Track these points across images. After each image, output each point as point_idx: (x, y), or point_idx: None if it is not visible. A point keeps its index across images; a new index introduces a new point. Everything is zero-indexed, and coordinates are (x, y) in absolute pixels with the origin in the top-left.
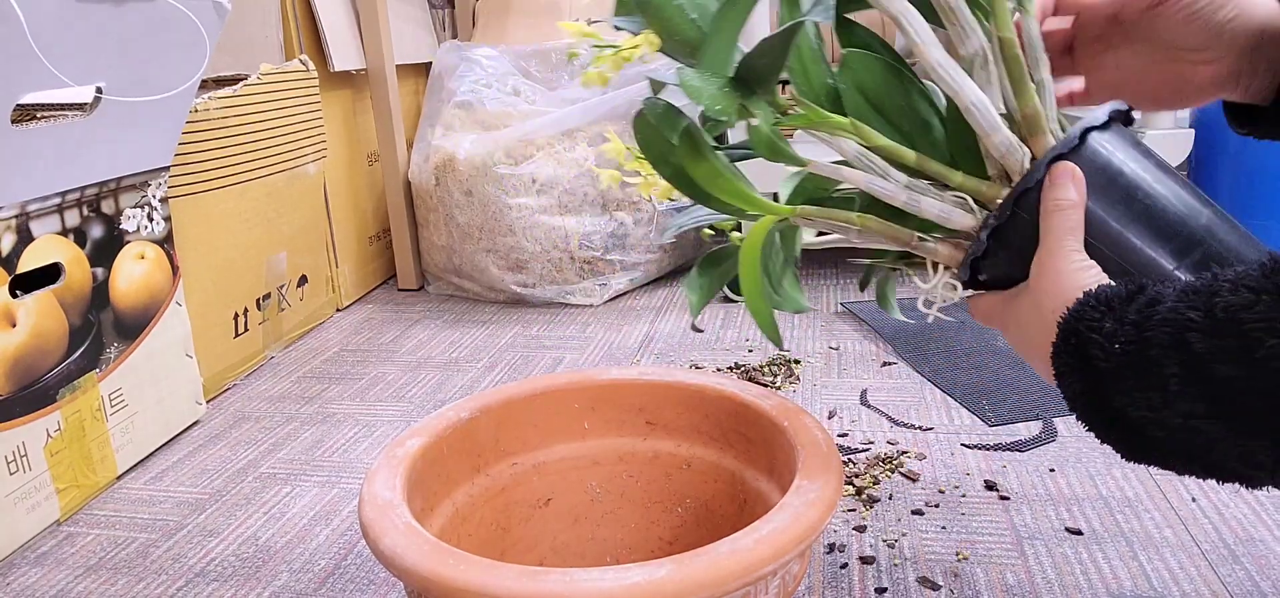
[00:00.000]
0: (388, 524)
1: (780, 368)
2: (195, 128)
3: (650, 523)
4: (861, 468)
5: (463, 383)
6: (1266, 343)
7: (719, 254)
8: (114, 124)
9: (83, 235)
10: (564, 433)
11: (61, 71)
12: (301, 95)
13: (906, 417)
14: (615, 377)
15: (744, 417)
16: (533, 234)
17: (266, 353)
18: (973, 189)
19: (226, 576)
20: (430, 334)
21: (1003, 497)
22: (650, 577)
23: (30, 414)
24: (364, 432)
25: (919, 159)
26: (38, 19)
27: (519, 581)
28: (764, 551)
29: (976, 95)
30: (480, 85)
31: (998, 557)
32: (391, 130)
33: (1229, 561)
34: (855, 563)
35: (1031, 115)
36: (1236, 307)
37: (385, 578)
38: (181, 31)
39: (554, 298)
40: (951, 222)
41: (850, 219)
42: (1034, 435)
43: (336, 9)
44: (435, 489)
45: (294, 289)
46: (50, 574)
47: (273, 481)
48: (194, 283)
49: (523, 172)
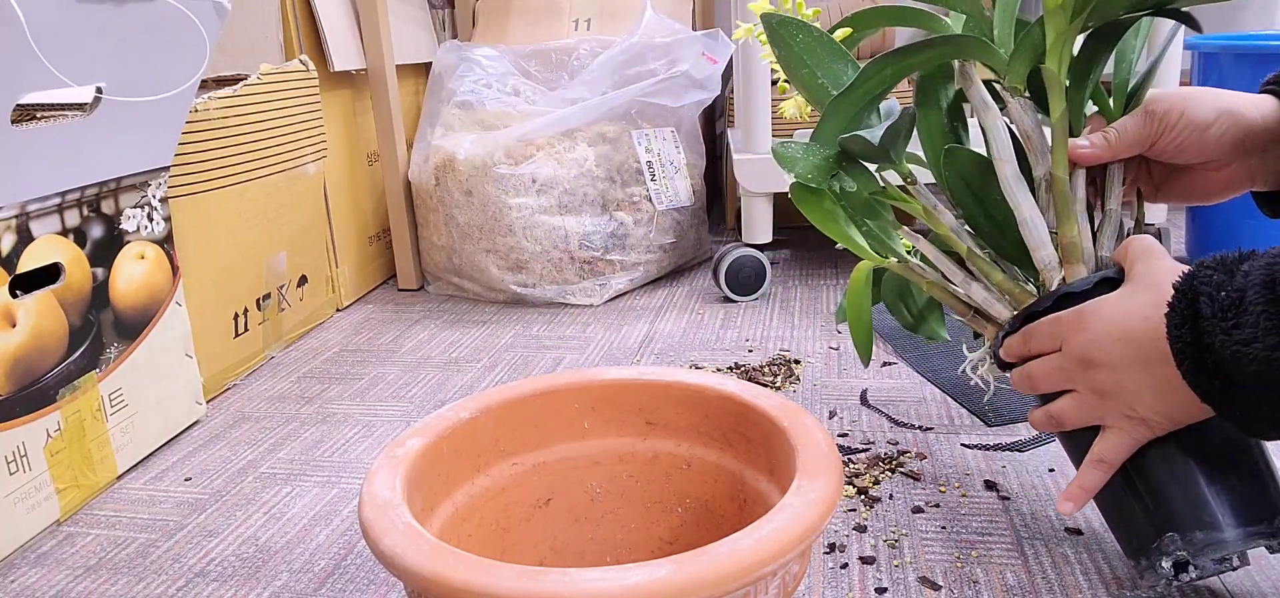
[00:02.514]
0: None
1: (780, 368)
2: (195, 128)
3: (650, 523)
4: (861, 468)
5: (463, 383)
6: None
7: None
8: (114, 124)
9: (83, 235)
10: (564, 433)
11: (61, 71)
12: (301, 95)
13: (906, 417)
14: (615, 377)
15: (744, 417)
16: (533, 234)
17: (266, 353)
18: (1008, 289)
19: (226, 576)
20: (430, 334)
21: (1003, 497)
22: (650, 577)
23: (30, 414)
24: (364, 432)
25: (970, 253)
26: (38, 19)
27: (519, 581)
28: (764, 551)
29: (1032, 212)
30: (480, 85)
31: (998, 557)
32: (391, 130)
33: None
34: (855, 563)
35: (1069, 244)
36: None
37: (385, 578)
38: (181, 31)
39: (554, 298)
40: (991, 310)
41: (920, 279)
42: (1034, 435)
43: (336, 9)
44: (435, 489)
45: (294, 289)
46: (50, 574)
47: (273, 481)
48: (194, 283)
49: (523, 172)
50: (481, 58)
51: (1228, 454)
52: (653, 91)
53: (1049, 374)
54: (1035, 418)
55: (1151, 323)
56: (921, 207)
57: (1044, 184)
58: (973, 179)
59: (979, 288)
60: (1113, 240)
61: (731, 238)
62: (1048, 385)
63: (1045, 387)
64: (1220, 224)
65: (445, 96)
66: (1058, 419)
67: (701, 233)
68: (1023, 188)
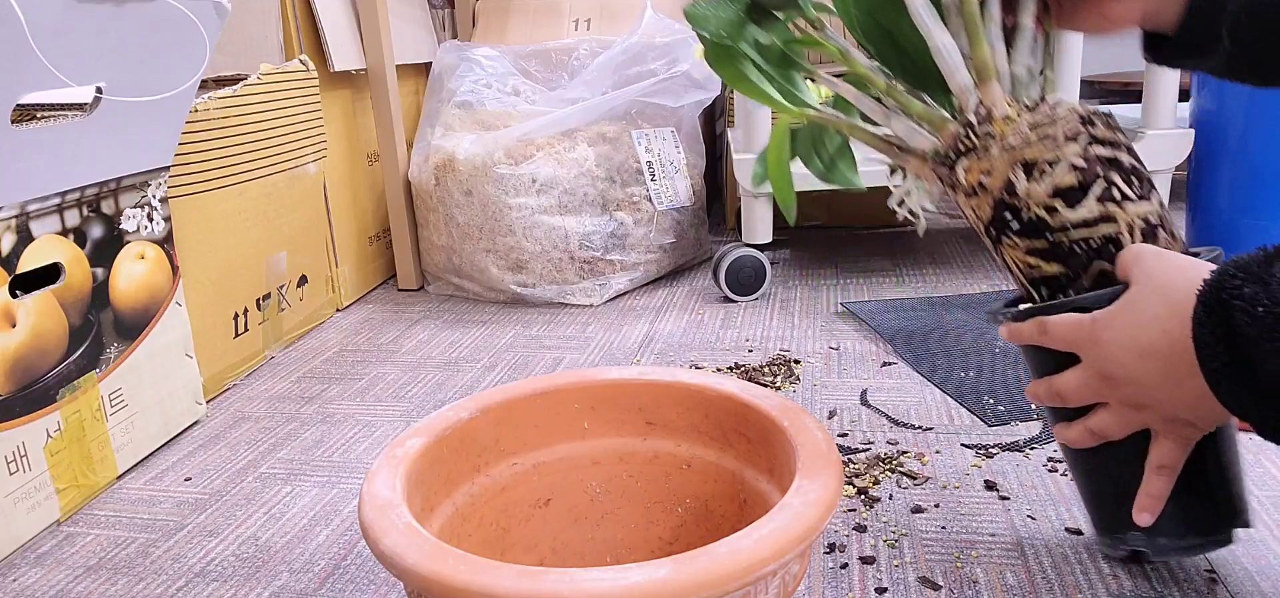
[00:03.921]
0: (388, 524)
1: (780, 368)
2: (195, 128)
3: (650, 523)
4: (861, 468)
5: (463, 383)
6: None
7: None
8: (114, 124)
9: (83, 235)
10: (564, 433)
11: (61, 71)
12: (301, 95)
13: (906, 417)
14: (615, 377)
15: (744, 417)
16: (533, 234)
17: (266, 353)
18: (928, 118)
19: (226, 576)
20: (430, 334)
21: (1003, 497)
22: (650, 577)
23: (30, 414)
24: (364, 432)
25: (889, 87)
26: (38, 19)
27: (519, 581)
28: (764, 551)
29: (944, 39)
30: (480, 85)
31: (998, 557)
32: (391, 130)
33: (1229, 561)
34: (855, 563)
35: (982, 64)
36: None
37: (385, 578)
38: (181, 31)
39: (554, 298)
40: (914, 142)
41: (840, 126)
42: (1034, 435)
43: (336, 9)
44: (435, 489)
45: (294, 289)
46: (50, 574)
47: (273, 481)
48: (194, 283)
49: (523, 172)
50: (481, 58)
51: (1192, 466)
52: (653, 91)
53: (1078, 390)
54: (1072, 435)
55: (1171, 337)
56: (836, 49)
57: (954, 9)
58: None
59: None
60: (1027, 56)
61: (731, 238)
62: (1079, 401)
63: (1076, 402)
64: (1218, 221)
65: (445, 96)
66: (1100, 434)
67: (701, 233)
68: (933, 16)
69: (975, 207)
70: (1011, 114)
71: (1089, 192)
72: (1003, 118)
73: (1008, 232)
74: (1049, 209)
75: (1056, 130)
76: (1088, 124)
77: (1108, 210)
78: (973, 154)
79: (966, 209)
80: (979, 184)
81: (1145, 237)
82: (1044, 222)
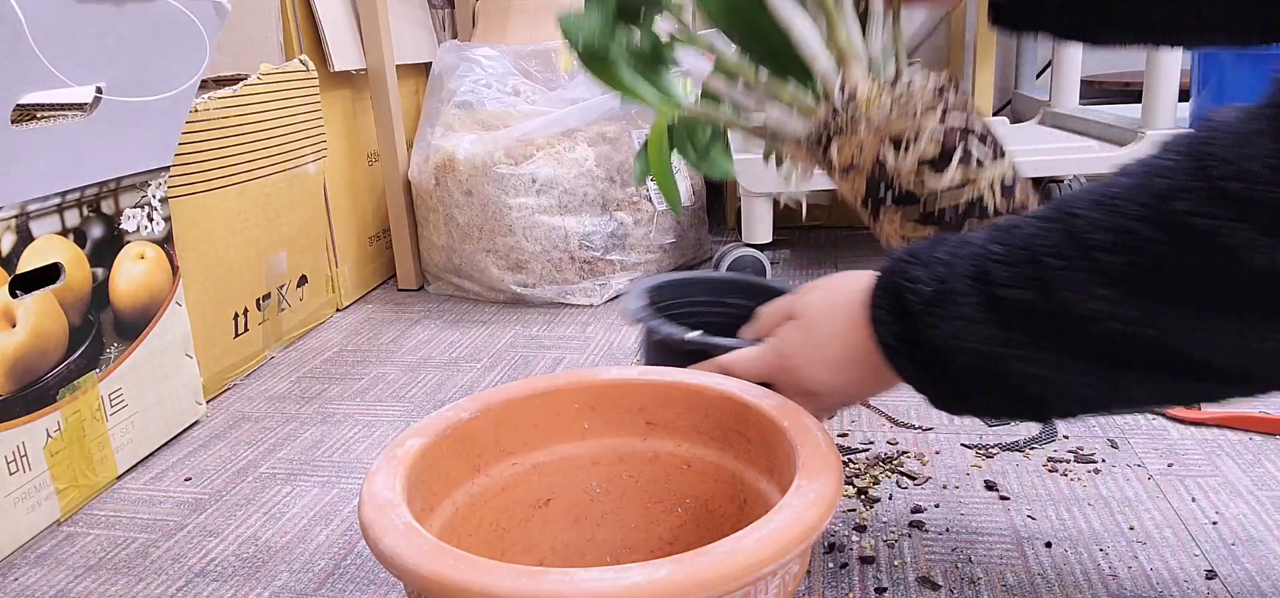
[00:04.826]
0: (388, 524)
1: None
2: (195, 128)
3: (650, 523)
4: (861, 468)
5: (463, 383)
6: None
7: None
8: (114, 124)
9: (83, 235)
10: (564, 433)
11: (61, 71)
12: (301, 95)
13: (906, 417)
14: (615, 377)
15: (744, 417)
16: (533, 234)
17: (266, 353)
18: (798, 101)
19: (226, 576)
20: (430, 334)
21: (1003, 497)
22: (650, 577)
23: (30, 414)
24: (364, 432)
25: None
26: (38, 19)
27: (519, 581)
28: (764, 551)
29: (804, 27)
30: (480, 85)
31: (998, 557)
32: (391, 130)
33: (1229, 561)
34: (855, 563)
35: (843, 47)
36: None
37: (385, 578)
38: (181, 31)
39: (554, 298)
40: (788, 128)
41: (714, 117)
42: (1033, 435)
43: (336, 9)
44: (435, 489)
45: (294, 289)
46: (50, 574)
47: (273, 481)
48: (194, 283)
49: (523, 172)
50: (481, 58)
51: None
52: None
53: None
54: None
55: (854, 346)
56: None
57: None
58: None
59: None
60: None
61: (731, 238)
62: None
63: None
64: None
65: (445, 96)
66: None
67: (701, 233)
68: (792, 5)
69: (851, 184)
70: (873, 94)
71: (951, 159)
72: (866, 98)
73: (883, 205)
74: (918, 179)
75: (916, 104)
76: (941, 95)
77: (969, 173)
78: (842, 134)
79: (843, 187)
80: (851, 162)
81: (1004, 194)
82: (914, 192)
